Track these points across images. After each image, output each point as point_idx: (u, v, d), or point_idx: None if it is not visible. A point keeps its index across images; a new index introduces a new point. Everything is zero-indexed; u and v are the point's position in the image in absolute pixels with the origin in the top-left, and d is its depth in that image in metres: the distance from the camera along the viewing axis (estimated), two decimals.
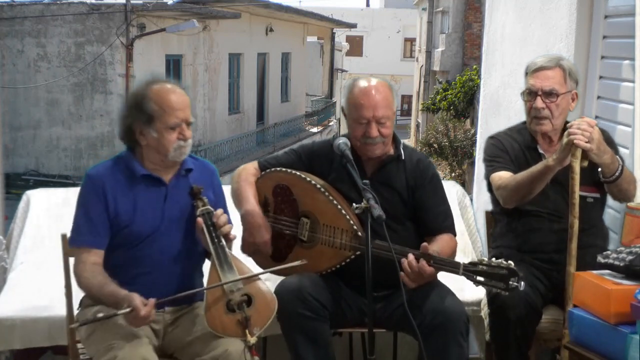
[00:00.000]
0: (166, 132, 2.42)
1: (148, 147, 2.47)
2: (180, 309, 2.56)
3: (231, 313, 2.31)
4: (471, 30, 21.78)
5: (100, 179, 2.46)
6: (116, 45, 14.32)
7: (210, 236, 2.43)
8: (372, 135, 2.66)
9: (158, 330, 2.51)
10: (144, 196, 2.48)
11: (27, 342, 2.97)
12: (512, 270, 2.38)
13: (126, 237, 2.45)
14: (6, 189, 4.99)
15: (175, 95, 2.45)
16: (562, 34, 3.68)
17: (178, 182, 2.54)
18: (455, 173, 18.59)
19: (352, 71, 32.65)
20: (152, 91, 2.44)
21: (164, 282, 2.46)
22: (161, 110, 2.42)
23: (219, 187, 2.70)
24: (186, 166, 2.56)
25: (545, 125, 2.83)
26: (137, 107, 2.44)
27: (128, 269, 2.45)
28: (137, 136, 2.46)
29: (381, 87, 2.70)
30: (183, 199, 2.52)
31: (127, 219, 2.44)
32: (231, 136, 17.90)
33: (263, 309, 2.35)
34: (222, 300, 2.33)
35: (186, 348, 2.46)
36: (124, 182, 2.47)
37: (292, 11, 21.15)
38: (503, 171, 2.85)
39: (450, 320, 2.51)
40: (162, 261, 2.47)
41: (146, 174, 2.49)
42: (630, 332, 2.15)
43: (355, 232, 2.64)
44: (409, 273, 2.48)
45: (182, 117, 2.44)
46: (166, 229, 2.48)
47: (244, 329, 2.27)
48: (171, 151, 2.45)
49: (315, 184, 2.74)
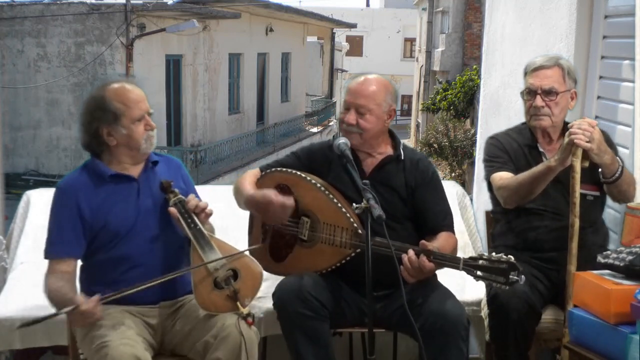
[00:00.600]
0: (134, 126, 2.51)
1: (118, 146, 2.53)
2: (174, 303, 2.59)
3: (219, 289, 2.44)
4: (471, 30, 21.78)
5: (72, 188, 2.52)
6: (116, 45, 14.32)
7: (186, 222, 2.52)
8: (347, 120, 2.69)
9: (155, 325, 2.53)
10: (116, 195, 2.54)
11: (27, 342, 2.97)
12: (512, 264, 2.38)
13: (105, 238, 2.50)
14: (6, 189, 4.99)
15: (131, 90, 2.54)
16: (562, 34, 3.68)
17: (147, 175, 2.61)
18: (455, 173, 18.59)
19: (352, 71, 32.60)
20: (110, 91, 2.53)
21: (150, 275, 2.48)
22: (124, 106, 2.50)
23: (187, 177, 2.78)
24: (152, 159, 2.64)
25: (544, 120, 2.84)
26: (100, 110, 2.51)
27: (114, 268, 2.50)
28: (105, 138, 2.52)
29: (374, 81, 2.73)
30: (155, 191, 2.59)
31: (103, 219, 2.49)
32: (231, 136, 17.90)
33: (250, 280, 2.48)
34: (208, 279, 2.45)
35: (185, 340, 2.50)
36: (94, 187, 2.53)
37: (292, 11, 21.15)
38: (503, 171, 2.85)
39: (451, 324, 2.51)
40: (144, 255, 2.52)
41: (114, 173, 2.55)
42: (630, 332, 2.15)
43: (356, 230, 2.64)
44: (408, 268, 2.48)
45: (144, 108, 2.55)
46: (143, 223, 2.54)
47: (234, 302, 2.41)
48: (142, 143, 2.53)
49: (316, 183, 2.75)
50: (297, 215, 2.77)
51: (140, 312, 2.51)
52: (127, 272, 2.49)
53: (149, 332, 2.50)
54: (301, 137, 20.89)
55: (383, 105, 2.73)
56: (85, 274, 2.57)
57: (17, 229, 3.51)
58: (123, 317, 2.44)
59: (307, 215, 2.75)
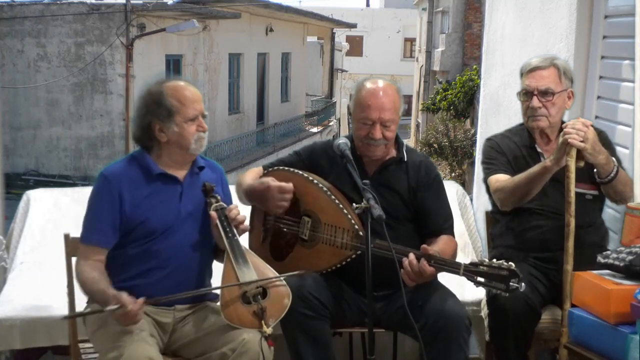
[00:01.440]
0: (186, 125, 2.49)
1: (168, 143, 2.52)
2: (192, 307, 2.58)
3: (247, 304, 2.39)
4: (471, 30, 21.76)
5: (116, 178, 2.49)
6: (116, 45, 14.32)
7: (225, 230, 2.50)
8: (375, 137, 2.66)
9: (167, 324, 2.52)
10: (160, 194, 2.52)
11: (27, 342, 2.98)
12: (512, 272, 2.38)
13: (140, 233, 2.49)
14: (6, 189, 4.99)
15: (189, 89, 2.54)
16: (562, 34, 3.68)
17: (192, 179, 2.59)
18: (455, 173, 18.58)
19: (352, 71, 32.67)
20: (168, 88, 2.52)
21: (175, 277, 2.48)
22: (180, 104, 2.48)
23: (226, 186, 2.76)
24: (198, 164, 2.62)
25: (541, 121, 2.85)
26: (156, 104, 2.49)
27: (142, 262, 2.48)
28: (157, 133, 2.51)
29: (390, 90, 2.70)
30: (197, 196, 2.58)
31: (142, 215, 2.48)
32: (231, 136, 17.90)
33: (277, 301, 2.43)
34: (238, 292, 2.41)
35: (192, 344, 2.48)
36: (139, 181, 2.51)
37: (292, 11, 21.15)
38: (500, 174, 2.86)
39: (452, 324, 2.51)
40: (176, 256, 2.51)
41: (162, 172, 2.53)
42: (630, 332, 2.16)
43: (357, 231, 2.64)
44: (409, 272, 2.48)
45: (199, 109, 2.53)
46: (180, 225, 2.52)
47: (259, 319, 2.36)
48: (192, 143, 2.52)
49: (318, 183, 2.75)
50: (298, 215, 2.77)
51: (154, 312, 2.50)
52: (154, 270, 2.47)
53: (159, 331, 2.49)
54: (301, 137, 20.89)
55: (400, 111, 2.75)
56: (112, 265, 2.53)
57: (17, 229, 3.52)
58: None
59: (309, 215, 2.75)
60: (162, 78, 2.58)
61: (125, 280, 2.45)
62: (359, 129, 2.70)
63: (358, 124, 2.71)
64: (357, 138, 2.72)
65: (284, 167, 2.86)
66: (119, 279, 2.45)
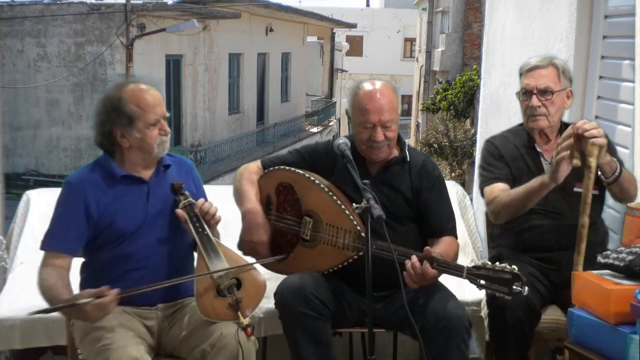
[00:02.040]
0: (148, 130, 2.48)
1: (130, 148, 2.51)
2: (172, 305, 2.58)
3: (222, 297, 2.40)
4: (471, 30, 21.76)
5: (81, 185, 2.50)
6: (116, 45, 14.32)
7: (194, 226, 2.50)
8: (377, 139, 2.66)
9: (152, 326, 2.52)
10: (126, 196, 2.52)
11: (27, 342, 2.97)
12: (515, 275, 2.38)
13: (110, 236, 2.49)
14: (6, 189, 5.00)
15: (149, 93, 2.51)
16: (562, 34, 3.68)
17: (158, 178, 2.59)
18: (455, 173, 18.58)
19: (352, 71, 32.66)
20: (127, 93, 2.49)
21: (153, 277, 2.48)
22: (140, 110, 2.47)
23: (198, 180, 2.75)
24: (164, 162, 2.61)
25: (541, 121, 2.85)
26: (116, 111, 2.47)
27: (115, 266, 2.49)
28: (118, 139, 2.50)
29: (386, 90, 2.70)
30: (165, 194, 2.57)
31: (109, 218, 2.48)
32: (231, 136, 17.89)
33: (253, 290, 2.45)
34: (211, 286, 2.41)
35: (184, 343, 2.48)
36: (104, 185, 2.51)
37: (292, 11, 21.14)
38: (495, 183, 2.85)
39: (453, 325, 2.51)
40: (149, 256, 2.51)
41: (126, 174, 2.53)
42: (630, 332, 2.15)
43: (358, 232, 2.64)
44: (411, 275, 2.48)
45: (160, 112, 2.51)
46: (150, 225, 2.52)
47: (235, 311, 2.38)
48: (155, 147, 2.51)
49: (319, 184, 2.75)
50: (299, 215, 2.77)
51: (138, 313, 2.51)
52: (130, 272, 2.48)
53: (146, 333, 2.49)
54: (301, 137, 20.88)
55: (399, 110, 2.75)
56: (87, 272, 2.55)
57: (17, 229, 3.52)
58: (123, 319, 2.44)
59: (310, 215, 2.75)
60: (121, 81, 2.55)
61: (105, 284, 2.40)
62: (360, 133, 2.70)
63: (359, 128, 2.70)
64: (360, 142, 2.72)
65: (284, 167, 2.86)
66: (100, 284, 2.40)
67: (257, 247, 2.72)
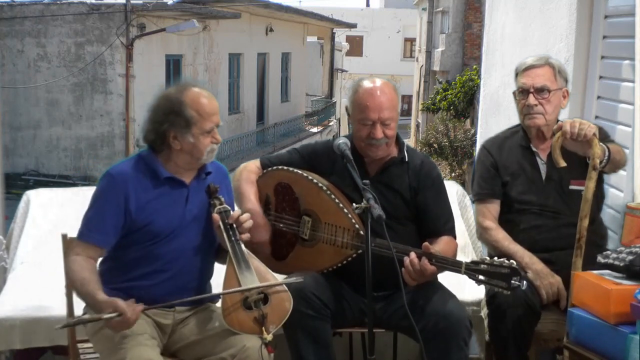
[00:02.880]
0: (202, 137, 2.47)
1: (181, 151, 2.50)
2: (192, 308, 2.57)
3: (248, 310, 2.37)
4: (471, 30, 21.76)
5: (124, 178, 2.46)
6: (116, 45, 14.32)
7: (227, 234, 2.48)
8: (376, 136, 2.66)
9: (166, 326, 2.51)
10: (166, 197, 2.50)
11: (27, 342, 2.97)
12: (514, 269, 2.38)
13: (145, 235, 2.46)
14: (6, 189, 5.00)
15: (208, 100, 2.50)
16: (562, 34, 3.69)
17: (199, 184, 2.58)
18: (455, 173, 18.59)
19: (352, 71, 32.63)
20: (188, 97, 2.47)
21: (177, 281, 2.48)
22: (198, 116, 2.46)
23: (230, 187, 2.75)
24: (207, 170, 2.60)
25: (538, 119, 2.86)
26: (175, 114, 2.45)
27: (144, 264, 2.47)
28: (171, 141, 2.48)
29: (386, 88, 2.70)
30: (202, 200, 2.56)
31: (148, 218, 2.46)
32: (231, 136, 17.88)
33: (279, 307, 2.42)
34: (239, 297, 2.39)
35: (191, 347, 2.47)
36: (146, 182, 2.49)
37: (292, 11, 21.14)
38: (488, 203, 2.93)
39: (453, 325, 2.51)
40: (178, 260, 2.49)
41: (170, 176, 2.51)
42: (630, 332, 2.16)
43: (357, 230, 2.64)
44: (410, 271, 2.48)
45: (216, 121, 2.51)
46: (185, 229, 2.51)
47: (260, 326, 2.35)
48: (205, 154, 2.50)
49: (318, 183, 2.75)
50: (298, 214, 2.77)
51: (154, 313, 2.49)
52: (155, 274, 2.46)
53: (158, 333, 2.49)
54: (301, 137, 20.88)
55: (399, 108, 2.75)
56: (107, 265, 2.52)
57: (17, 229, 3.51)
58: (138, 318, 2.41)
59: (309, 215, 2.75)
60: (183, 84, 2.53)
61: (125, 281, 2.45)
62: (360, 130, 2.70)
63: (358, 125, 2.70)
64: (358, 139, 2.72)
65: (284, 167, 2.86)
66: (120, 280, 2.44)
67: (258, 247, 2.72)
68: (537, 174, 2.89)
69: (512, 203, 2.90)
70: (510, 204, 2.91)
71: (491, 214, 2.92)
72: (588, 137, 2.56)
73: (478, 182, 2.99)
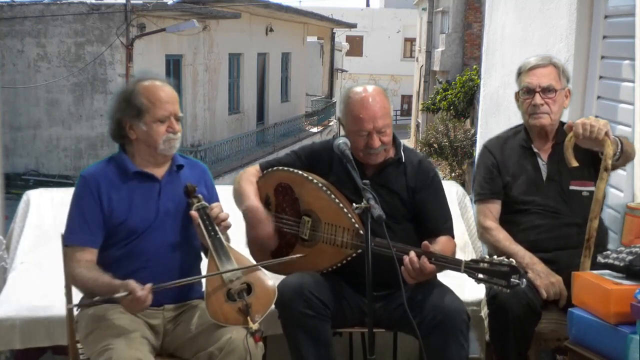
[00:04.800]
0: (155, 125, 2.50)
1: (138, 141, 2.53)
2: (180, 307, 2.58)
3: (232, 301, 2.40)
4: (471, 30, 21.78)
5: (95, 179, 2.51)
6: (116, 45, 14.32)
7: (207, 229, 2.50)
8: (374, 146, 2.67)
9: (157, 326, 2.52)
10: (137, 192, 2.53)
11: (27, 342, 2.97)
12: (513, 268, 2.38)
13: (122, 233, 2.49)
14: (6, 189, 4.99)
15: (163, 90, 2.53)
16: (562, 34, 3.69)
17: (171, 178, 2.60)
18: (455, 173, 18.60)
19: (352, 71, 32.66)
20: (141, 86, 2.53)
21: (162, 276, 2.47)
22: (150, 104, 2.49)
23: (210, 183, 2.76)
24: (177, 162, 2.62)
25: (544, 118, 2.86)
26: (127, 102, 2.51)
27: (125, 263, 2.48)
28: (127, 131, 2.53)
29: (377, 95, 2.69)
30: (177, 194, 2.58)
31: (122, 215, 2.49)
32: (231, 136, 17.90)
33: (263, 296, 2.44)
34: (222, 290, 2.41)
35: (187, 344, 2.47)
36: (117, 180, 2.53)
37: (292, 11, 21.15)
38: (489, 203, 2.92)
39: (451, 318, 2.51)
40: (159, 255, 2.51)
41: (138, 170, 2.55)
42: (630, 332, 2.15)
43: (357, 230, 2.64)
44: (409, 270, 2.48)
45: (171, 110, 2.52)
46: (161, 224, 2.53)
47: (245, 316, 2.37)
48: (160, 143, 2.51)
49: (317, 183, 2.75)
50: (298, 215, 2.77)
51: (143, 313, 2.49)
52: (137, 272, 2.46)
53: (151, 333, 2.49)
54: (301, 137, 20.88)
55: (391, 112, 2.76)
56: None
57: (17, 229, 3.51)
58: (127, 319, 2.43)
59: (308, 215, 2.75)
60: (141, 76, 2.59)
61: None
62: (356, 141, 2.69)
63: (354, 136, 2.70)
64: (356, 149, 2.71)
65: (283, 168, 2.86)
66: None
67: (265, 242, 2.72)
68: (538, 175, 2.89)
69: (513, 203, 2.90)
70: (511, 204, 2.91)
71: (492, 214, 2.92)
72: (600, 138, 2.56)
73: (479, 182, 2.99)
